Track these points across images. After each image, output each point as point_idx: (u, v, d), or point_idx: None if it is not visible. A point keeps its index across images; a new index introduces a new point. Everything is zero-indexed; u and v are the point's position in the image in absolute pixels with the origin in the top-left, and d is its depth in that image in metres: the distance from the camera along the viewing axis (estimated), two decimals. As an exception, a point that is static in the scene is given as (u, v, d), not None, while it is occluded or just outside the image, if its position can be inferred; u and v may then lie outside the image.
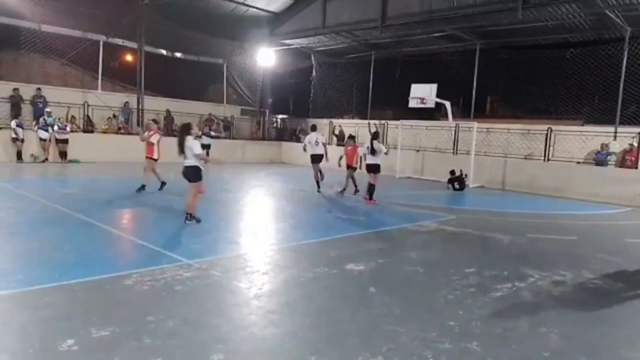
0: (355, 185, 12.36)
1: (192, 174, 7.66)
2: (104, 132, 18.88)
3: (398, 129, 18.79)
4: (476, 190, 15.30)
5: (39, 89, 17.61)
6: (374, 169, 11.08)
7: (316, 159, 12.49)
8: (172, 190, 10.58)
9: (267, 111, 25.63)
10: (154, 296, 4.40)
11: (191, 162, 7.61)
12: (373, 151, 10.97)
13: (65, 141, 16.37)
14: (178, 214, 8.06)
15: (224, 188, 12.30)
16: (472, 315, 4.39)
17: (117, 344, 3.43)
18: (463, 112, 20.57)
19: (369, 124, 18.70)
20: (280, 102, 26.84)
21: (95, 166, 15.95)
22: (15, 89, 17.19)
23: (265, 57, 23.37)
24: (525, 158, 16.31)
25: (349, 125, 22.48)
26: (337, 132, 22.48)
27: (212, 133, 20.29)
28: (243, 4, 20.78)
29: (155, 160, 10.71)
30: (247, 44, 23.16)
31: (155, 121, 11.56)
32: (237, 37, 22.76)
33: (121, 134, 19.29)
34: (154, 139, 10.67)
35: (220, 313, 4.20)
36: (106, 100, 19.57)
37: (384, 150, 11.28)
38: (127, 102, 20.26)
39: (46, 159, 16.13)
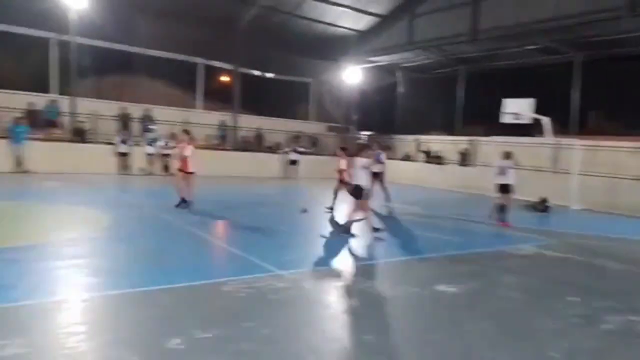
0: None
1: (358, 192, 7.99)
2: (203, 148, 20.22)
3: (489, 146, 18.02)
4: (581, 213, 14.15)
5: (146, 108, 19.34)
6: (506, 189, 10.29)
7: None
8: (268, 202, 10.99)
9: (352, 128, 25.91)
10: (250, 303, 4.60)
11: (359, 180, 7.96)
12: (504, 170, 10.21)
13: (168, 156, 17.76)
14: (271, 226, 8.37)
15: (315, 201, 12.56)
16: (578, 348, 4.06)
17: (218, 346, 3.63)
18: (560, 128, 19.26)
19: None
20: (365, 118, 27.02)
21: (197, 179, 17.08)
22: (123, 108, 19.01)
23: (351, 75, 23.74)
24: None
25: (436, 142, 22.01)
26: (424, 149, 22.12)
27: (300, 149, 20.93)
28: (332, 24, 21.40)
29: (191, 173, 10.17)
30: (334, 62, 23.70)
31: (186, 132, 10.97)
32: (325, 56, 23.40)
33: (217, 149, 20.56)
34: (187, 152, 10.17)
35: (312, 324, 4.29)
36: (204, 119, 21.03)
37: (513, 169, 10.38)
38: (223, 120, 21.56)
39: (151, 172, 17.60)
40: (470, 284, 5.87)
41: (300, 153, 20.96)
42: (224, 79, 23.43)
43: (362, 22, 21.85)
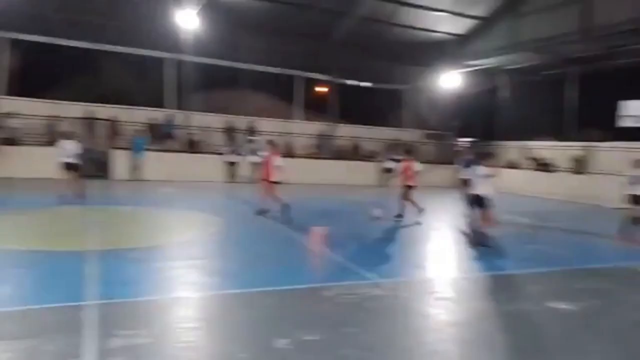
0: None
1: (479, 201, 7.88)
2: (301, 157, 20.90)
3: (608, 152, 16.37)
4: None
5: (250, 120, 20.49)
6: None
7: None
8: (364, 210, 11.03)
9: (450, 134, 25.10)
10: (350, 310, 4.65)
11: (481, 189, 7.84)
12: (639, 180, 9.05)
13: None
14: (367, 234, 8.40)
15: (411, 209, 12.35)
16: None
17: (323, 349, 3.72)
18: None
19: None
20: (464, 124, 26.04)
21: (296, 187, 17.70)
22: (229, 120, 20.31)
23: (449, 80, 23.03)
24: None
25: (543, 148, 20.52)
26: (530, 155, 20.73)
27: (396, 157, 20.72)
28: (428, 30, 21.01)
29: (276, 183, 10.19)
30: (430, 68, 23.19)
31: (271, 142, 11.22)
32: (420, 62, 23.00)
33: (315, 158, 21.14)
34: (276, 161, 10.21)
35: (412, 335, 4.22)
36: (303, 129, 21.77)
37: None
38: (321, 130, 22.11)
39: (255, 180, 18.56)
40: (590, 301, 5.37)
41: (396, 161, 20.74)
42: (322, 89, 24.05)
43: (460, 26, 21.17)
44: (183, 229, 8.96)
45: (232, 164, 18.39)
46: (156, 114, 19.29)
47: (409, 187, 10.77)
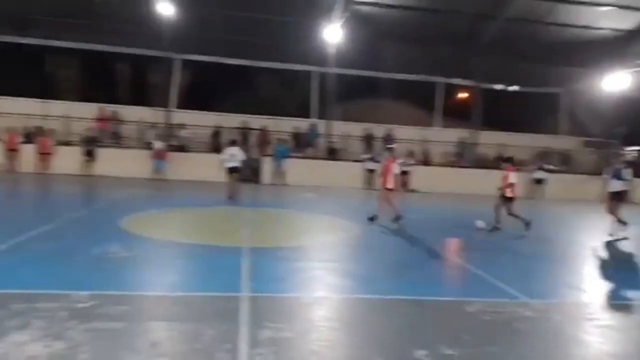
0: None
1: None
2: (439, 165, 20.34)
3: None
4: None
5: (388, 128, 20.58)
6: None
7: None
8: (508, 223, 10.34)
9: (615, 142, 22.07)
10: (494, 328, 4.37)
11: None
12: None
13: (407, 173, 18.50)
14: (515, 248, 7.82)
15: (565, 226, 11.19)
16: None
17: (464, 366, 3.57)
18: None
19: None
20: (634, 131, 22.66)
21: (432, 196, 17.31)
22: (367, 128, 20.64)
23: (614, 81, 20.26)
24: None
25: None
26: None
27: (547, 167, 18.94)
28: (589, 27, 18.81)
29: (391, 190, 10.04)
30: (591, 68, 20.69)
31: (390, 149, 11.12)
32: (578, 63, 20.66)
33: (454, 167, 20.36)
34: (395, 169, 10.09)
35: (569, 363, 3.81)
36: (442, 136, 21.15)
37: None
38: (462, 138, 21.24)
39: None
40: None
41: (548, 171, 18.92)
42: (463, 95, 23.10)
43: (629, 20, 18.52)
44: (323, 232, 9.36)
45: (370, 171, 18.69)
46: (301, 124, 20.52)
47: (507, 198, 9.87)
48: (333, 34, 17.85)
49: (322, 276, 5.96)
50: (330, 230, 9.71)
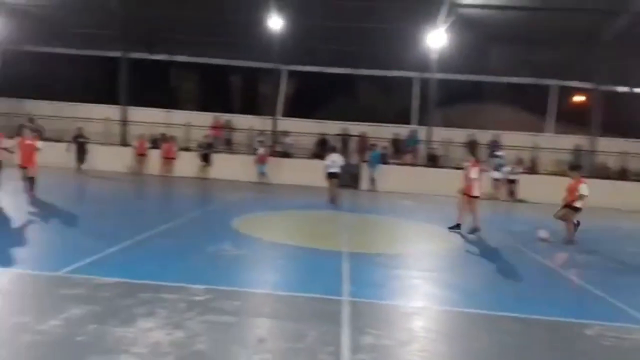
0: None
1: None
2: (551, 174, 18.83)
3: None
4: None
5: (494, 134, 19.54)
6: None
7: None
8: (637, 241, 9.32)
9: None
10: (618, 355, 3.97)
11: None
12: None
13: (515, 181, 17.40)
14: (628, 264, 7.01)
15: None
16: None
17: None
18: None
19: None
20: None
21: (541, 207, 16.08)
22: (470, 134, 19.76)
23: None
24: None
25: None
26: None
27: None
28: None
29: (475, 197, 9.50)
30: None
31: (472, 153, 10.41)
32: None
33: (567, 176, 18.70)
34: (474, 174, 9.45)
35: None
36: (555, 143, 19.57)
37: None
38: (578, 145, 19.46)
39: (497, 197, 17.62)
40: None
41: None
42: (580, 99, 21.18)
43: None
44: (422, 240, 9.20)
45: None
46: (400, 130, 20.32)
47: (572, 208, 9.15)
48: (437, 39, 17.46)
49: (422, 285, 5.87)
50: (430, 238, 9.50)
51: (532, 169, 19.10)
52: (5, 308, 4.16)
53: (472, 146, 10.47)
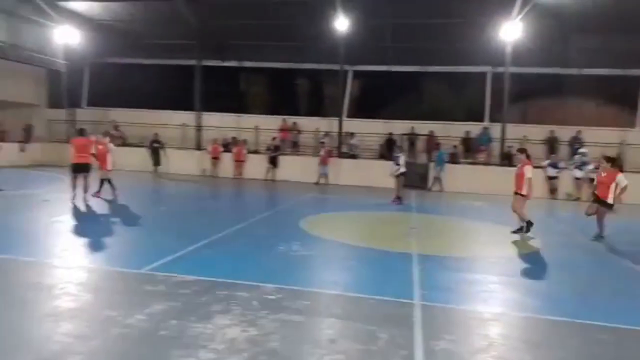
0: None
1: None
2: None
3: None
4: None
5: (578, 131, 18.25)
6: None
7: None
8: None
9: None
10: None
11: None
12: None
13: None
14: None
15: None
16: None
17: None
18: None
19: None
20: None
21: (630, 208, 14.79)
22: (551, 131, 18.60)
23: None
24: None
25: None
26: None
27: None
28: None
29: (523, 196, 8.89)
30: None
31: (521, 150, 9.59)
32: None
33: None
34: (527, 172, 8.84)
35: None
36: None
37: None
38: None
39: (579, 197, 16.45)
40: None
41: None
42: (678, 89, 19.23)
43: None
44: (497, 243, 8.77)
45: (552, 178, 16.84)
46: (471, 128, 19.57)
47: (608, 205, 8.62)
48: (511, 31, 16.61)
49: (498, 290, 5.59)
50: (506, 242, 9.04)
51: (620, 167, 17.59)
52: (96, 302, 4.50)
53: (522, 149, 10.09)
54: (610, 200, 8.69)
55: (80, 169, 10.96)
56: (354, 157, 19.48)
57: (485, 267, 6.79)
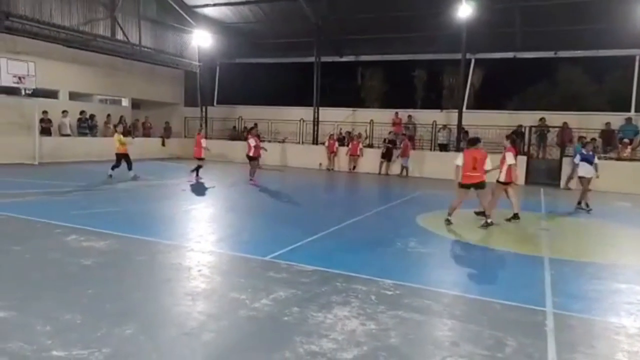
0: None
1: None
2: None
3: None
4: None
5: None
6: None
7: None
8: None
9: None
10: None
11: None
12: None
13: None
14: None
15: None
16: None
17: None
18: None
19: None
20: None
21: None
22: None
23: None
24: None
25: None
26: None
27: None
28: None
29: (503, 183, 9.01)
30: None
31: (508, 137, 9.92)
32: None
33: None
34: (510, 158, 8.94)
35: None
36: None
37: None
38: None
39: None
40: None
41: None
42: None
43: None
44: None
45: None
46: (613, 119, 17.37)
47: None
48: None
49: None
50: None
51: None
52: (226, 285, 4.87)
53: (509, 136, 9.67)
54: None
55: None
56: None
57: (630, 275, 5.98)
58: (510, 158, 8.92)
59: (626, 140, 16.56)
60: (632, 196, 14.19)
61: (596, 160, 11.46)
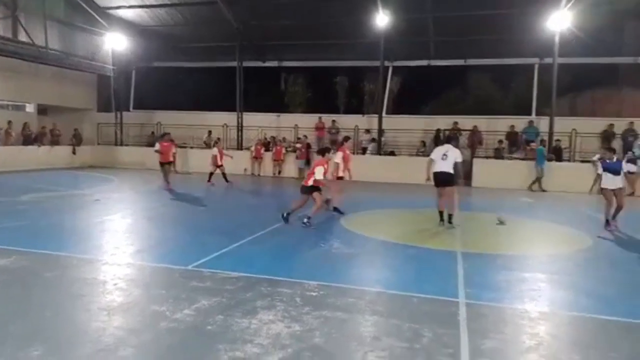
0: None
1: None
2: None
3: None
4: None
5: (631, 122, 17.33)
6: None
7: None
8: None
9: None
10: None
11: None
12: None
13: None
14: None
15: None
16: None
17: None
18: None
19: None
20: None
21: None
22: (610, 125, 17.58)
23: None
24: None
25: None
26: None
27: None
28: None
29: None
30: None
31: (346, 138, 11.35)
32: None
33: None
34: (337, 157, 10.56)
35: None
36: None
37: None
38: None
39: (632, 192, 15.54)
40: None
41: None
42: None
43: None
44: (546, 241, 8.47)
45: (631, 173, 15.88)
46: (516, 122, 18.94)
47: None
48: (559, 20, 15.91)
49: (547, 289, 5.39)
50: (555, 240, 8.71)
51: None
52: (146, 298, 4.67)
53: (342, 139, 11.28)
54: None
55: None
56: (392, 154, 19.30)
57: (534, 265, 6.55)
58: (337, 157, 10.54)
59: (533, 142, 18.01)
60: (537, 193, 15.52)
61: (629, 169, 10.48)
